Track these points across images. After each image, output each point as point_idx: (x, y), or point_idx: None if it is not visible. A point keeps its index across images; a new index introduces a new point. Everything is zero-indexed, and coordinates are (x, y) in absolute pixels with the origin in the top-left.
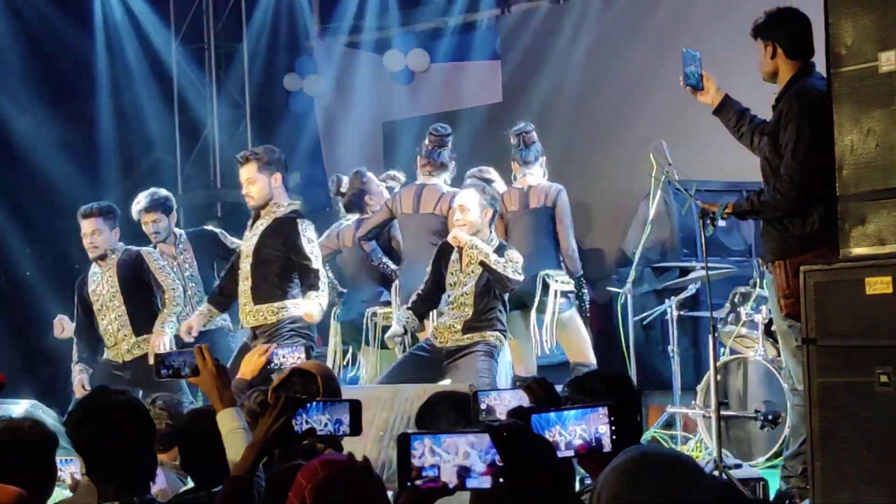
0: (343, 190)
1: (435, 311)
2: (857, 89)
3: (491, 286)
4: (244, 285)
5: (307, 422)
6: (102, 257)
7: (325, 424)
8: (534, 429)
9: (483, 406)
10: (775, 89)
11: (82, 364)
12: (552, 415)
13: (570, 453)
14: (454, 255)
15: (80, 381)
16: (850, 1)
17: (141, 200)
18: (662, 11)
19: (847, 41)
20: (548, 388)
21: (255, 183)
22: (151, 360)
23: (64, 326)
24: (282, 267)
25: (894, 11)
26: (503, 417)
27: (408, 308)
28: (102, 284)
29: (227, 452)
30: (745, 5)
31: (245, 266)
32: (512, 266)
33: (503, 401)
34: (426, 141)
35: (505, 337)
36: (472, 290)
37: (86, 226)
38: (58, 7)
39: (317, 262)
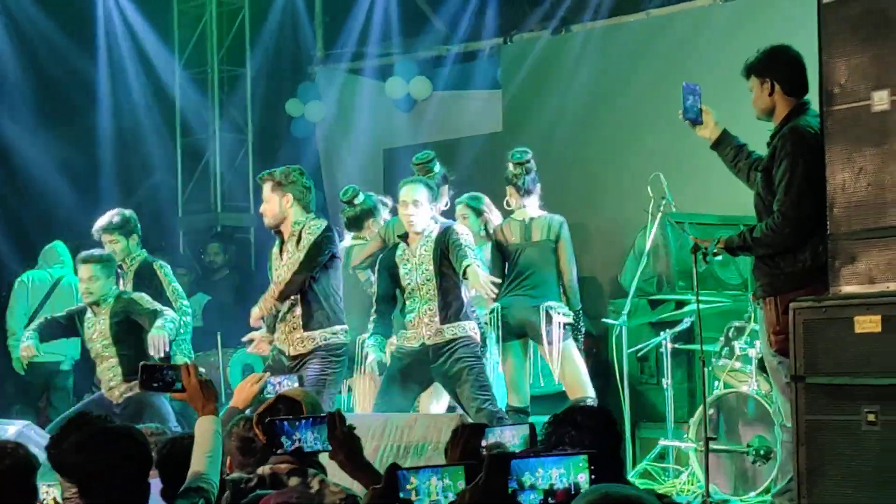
0: (357, 202)
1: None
2: (850, 128)
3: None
4: (293, 312)
5: (297, 440)
6: (96, 303)
7: (314, 441)
8: (514, 473)
9: (486, 442)
10: (771, 126)
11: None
12: (533, 460)
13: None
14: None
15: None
16: (844, 40)
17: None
18: (663, 44)
19: (840, 80)
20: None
21: (267, 202)
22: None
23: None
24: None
25: (888, 51)
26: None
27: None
28: (96, 331)
29: (195, 450)
30: (743, 40)
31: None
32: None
33: (508, 436)
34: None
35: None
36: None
37: (83, 271)
38: (61, 29)
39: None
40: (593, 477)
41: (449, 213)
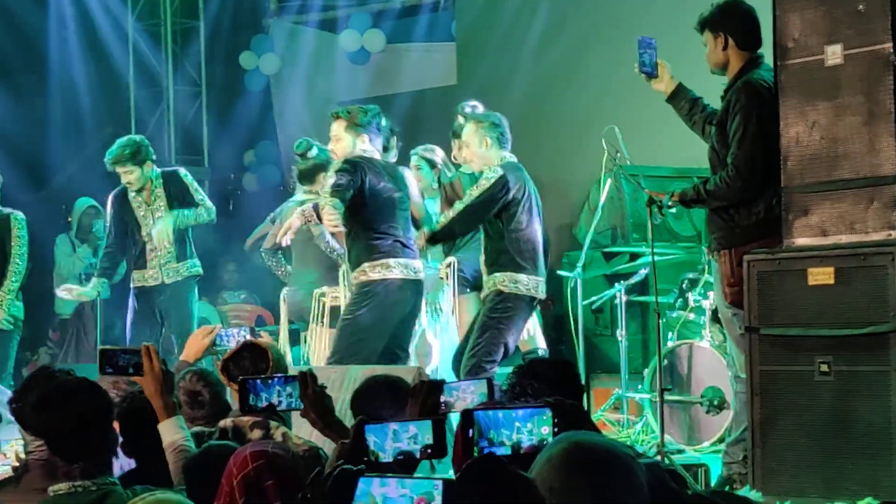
0: (310, 156)
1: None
2: (804, 82)
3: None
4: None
5: (270, 397)
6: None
7: (288, 399)
8: (480, 426)
9: (444, 398)
10: (726, 80)
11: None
12: (500, 414)
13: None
14: None
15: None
16: None
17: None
18: None
19: (794, 34)
20: (575, 411)
21: (340, 141)
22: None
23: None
24: None
25: (841, 6)
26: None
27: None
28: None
29: (171, 467)
30: None
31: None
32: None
33: (467, 392)
34: None
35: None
36: None
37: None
38: None
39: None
40: (556, 430)
41: (401, 164)
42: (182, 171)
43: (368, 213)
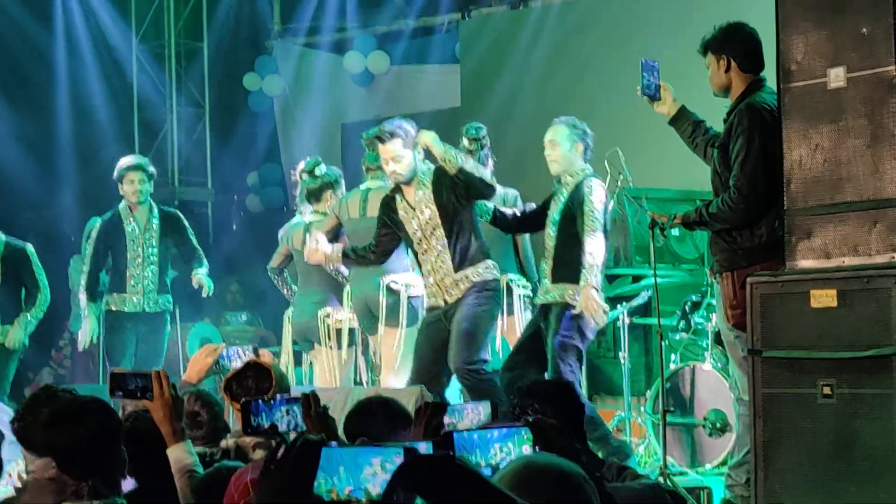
0: (318, 173)
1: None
2: (807, 105)
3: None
4: (439, 259)
5: (272, 418)
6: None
7: (289, 421)
8: (457, 449)
9: (448, 420)
10: (728, 102)
11: None
12: (475, 435)
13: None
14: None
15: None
16: (801, 17)
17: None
18: (622, 19)
19: (797, 57)
20: (554, 430)
21: (402, 160)
22: None
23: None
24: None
25: (844, 29)
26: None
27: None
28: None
29: (180, 491)
30: (701, 17)
31: (431, 242)
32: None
33: (472, 413)
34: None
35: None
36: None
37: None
38: (19, 1)
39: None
40: (537, 448)
41: None
42: (180, 215)
43: (476, 215)
